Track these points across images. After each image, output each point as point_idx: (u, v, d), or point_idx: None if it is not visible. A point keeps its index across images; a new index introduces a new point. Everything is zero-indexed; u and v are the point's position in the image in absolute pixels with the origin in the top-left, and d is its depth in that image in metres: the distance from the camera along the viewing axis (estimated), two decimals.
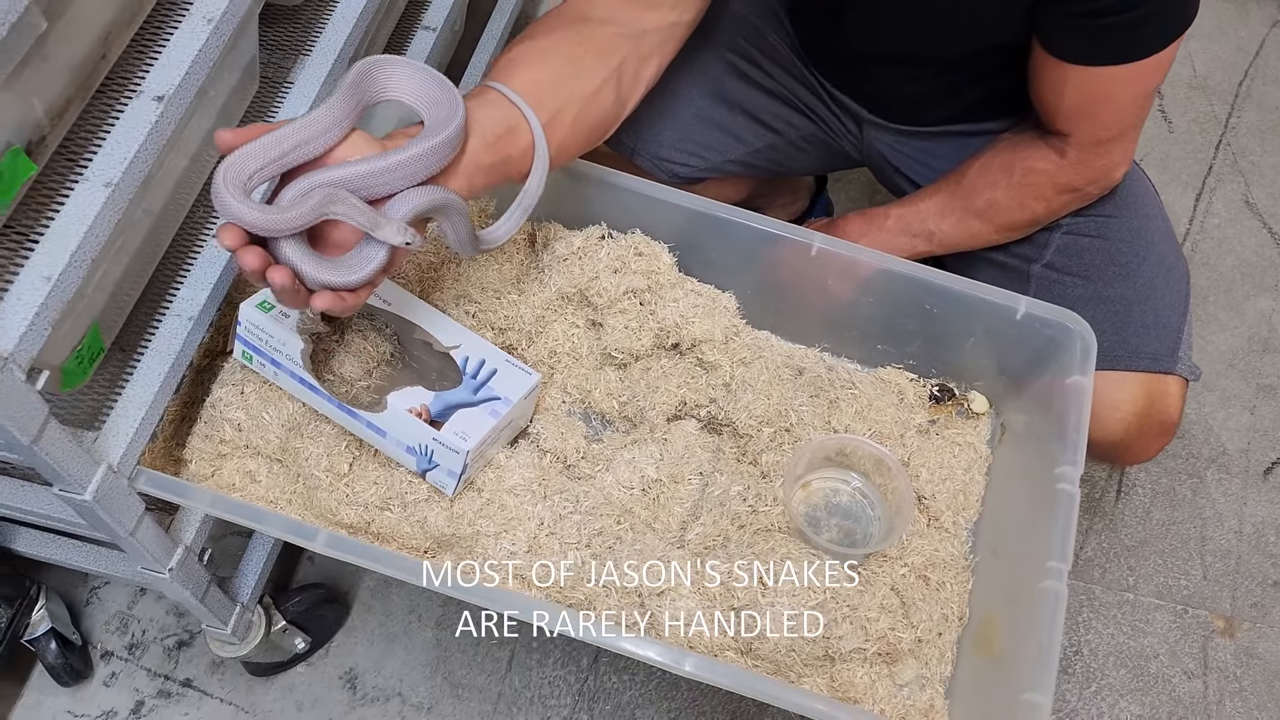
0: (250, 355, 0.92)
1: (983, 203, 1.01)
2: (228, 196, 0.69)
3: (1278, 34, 1.88)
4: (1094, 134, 0.93)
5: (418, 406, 0.89)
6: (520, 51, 0.85)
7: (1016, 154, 0.99)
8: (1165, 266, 1.03)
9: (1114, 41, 0.86)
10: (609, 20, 0.88)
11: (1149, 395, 1.00)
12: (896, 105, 1.11)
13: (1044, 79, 0.92)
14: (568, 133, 0.84)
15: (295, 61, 1.04)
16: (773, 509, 0.95)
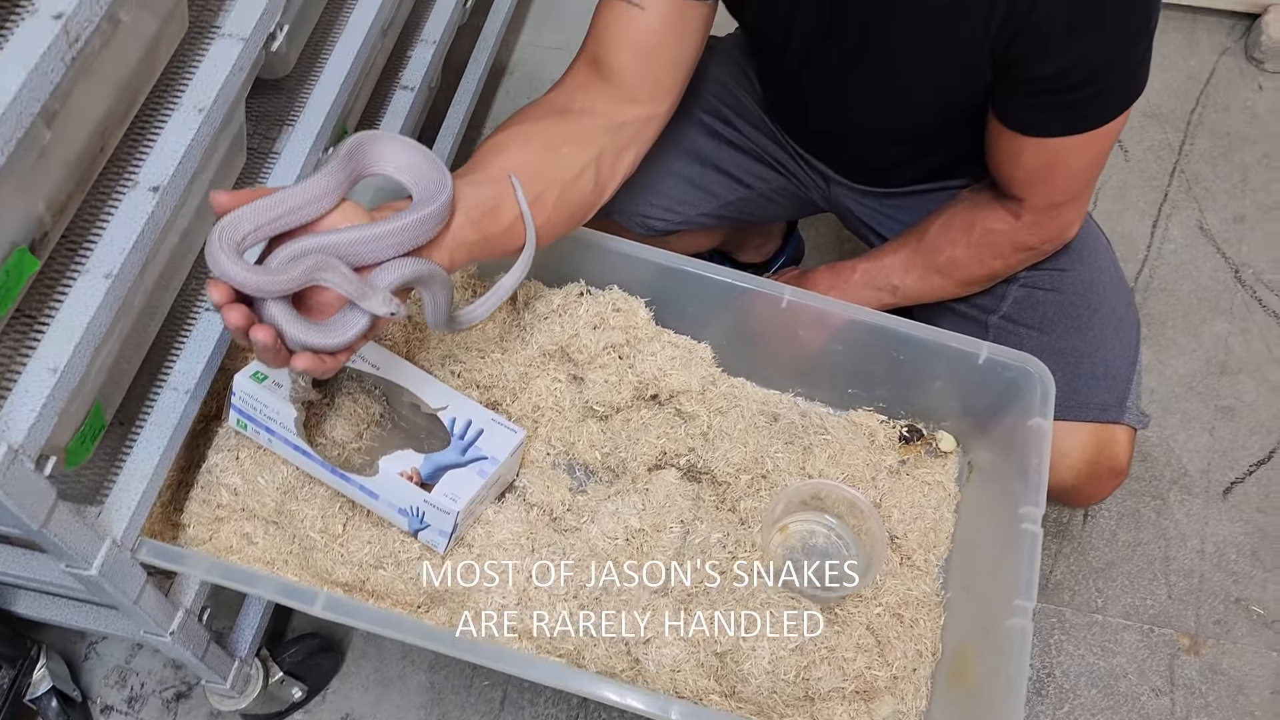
0: (245, 423, 0.95)
1: (944, 259, 1.06)
2: (221, 255, 0.70)
3: (1227, 61, 1.94)
4: (1048, 198, 0.98)
5: (408, 470, 0.92)
6: (504, 137, 0.89)
7: (975, 214, 1.04)
8: (1116, 318, 1.07)
9: (1066, 116, 0.90)
10: (588, 112, 0.92)
11: (1098, 444, 1.04)
12: (861, 171, 1.16)
13: (1000, 148, 0.97)
14: (549, 215, 0.88)
15: (281, 131, 1.07)
16: (752, 554, 0.99)
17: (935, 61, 0.93)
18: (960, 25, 0.87)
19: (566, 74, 0.97)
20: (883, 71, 0.98)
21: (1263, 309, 1.66)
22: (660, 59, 0.94)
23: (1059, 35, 0.84)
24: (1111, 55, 0.86)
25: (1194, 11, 1.98)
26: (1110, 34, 0.85)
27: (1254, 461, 1.52)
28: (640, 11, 0.92)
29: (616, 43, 0.93)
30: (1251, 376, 1.59)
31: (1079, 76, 0.86)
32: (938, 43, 0.90)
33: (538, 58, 1.91)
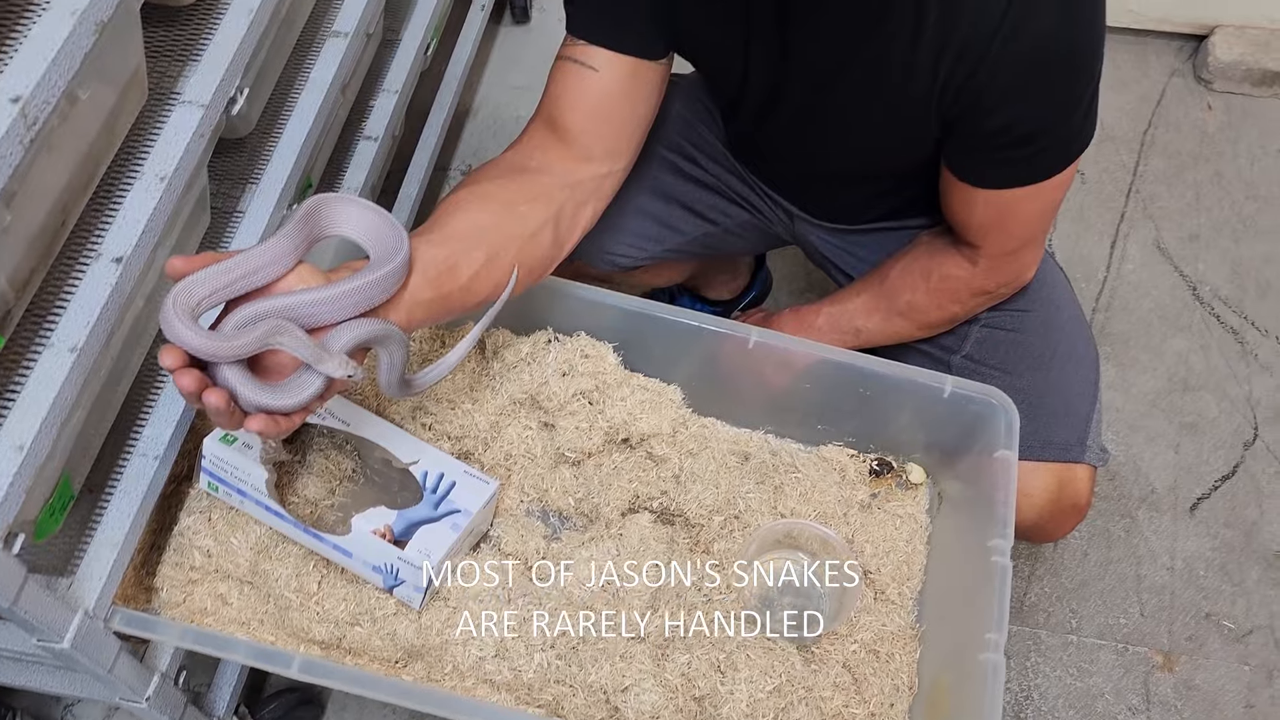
0: (216, 486, 0.95)
1: (904, 303, 1.08)
2: (175, 321, 0.70)
3: (1177, 83, 1.99)
4: (1003, 245, 1.00)
5: (381, 527, 0.92)
6: (462, 195, 0.90)
7: (934, 260, 1.06)
8: (1075, 357, 1.09)
9: (1014, 170, 0.92)
10: (545, 170, 0.93)
11: (1060, 483, 1.06)
12: (823, 209, 1.17)
13: (953, 198, 0.98)
14: (502, 275, 0.88)
15: (245, 190, 1.07)
16: (727, 596, 1.00)
17: (885, 118, 0.94)
18: (909, 86, 0.89)
19: (523, 134, 0.98)
20: (834, 126, 0.99)
21: (1220, 325, 1.69)
22: (615, 120, 0.95)
23: (1000, 99, 0.86)
24: (1055, 117, 0.88)
25: (1143, 34, 2.02)
26: (1054, 98, 0.86)
27: (1218, 477, 1.55)
28: (593, 73, 0.93)
29: (571, 104, 0.94)
30: (1213, 393, 1.62)
31: (1023, 132, 0.88)
32: (887, 100, 0.92)
33: (501, 99, 1.92)
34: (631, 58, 0.93)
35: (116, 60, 0.80)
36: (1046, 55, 0.83)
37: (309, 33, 1.19)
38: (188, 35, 0.94)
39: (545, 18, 2.04)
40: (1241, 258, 1.77)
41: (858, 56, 0.90)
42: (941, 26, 0.84)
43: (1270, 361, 1.65)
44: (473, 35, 1.71)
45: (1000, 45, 0.83)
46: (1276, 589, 1.46)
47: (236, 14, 0.95)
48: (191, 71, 0.92)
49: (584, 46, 0.93)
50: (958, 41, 0.84)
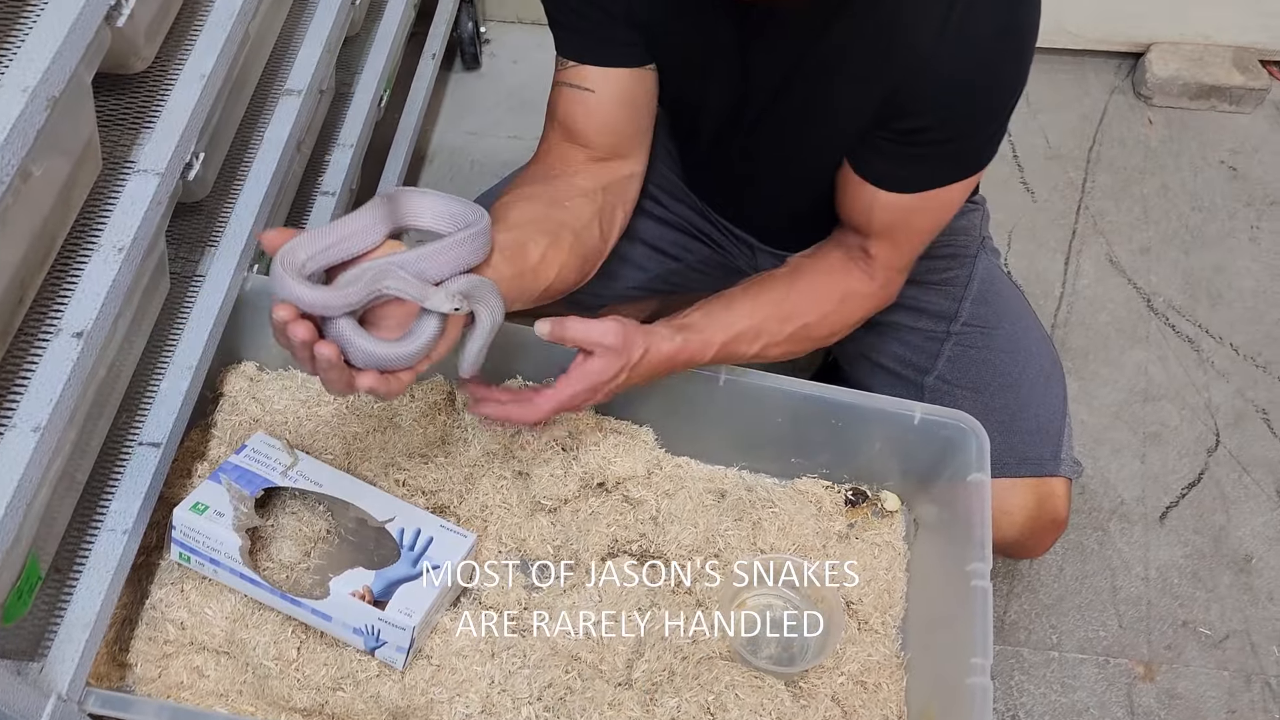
0: (187, 556, 0.94)
1: (798, 328, 1.02)
2: (286, 278, 0.72)
3: (1118, 100, 2.03)
4: (894, 259, 1.01)
5: (360, 588, 0.91)
6: (508, 199, 0.93)
7: (838, 280, 1.03)
8: (1044, 374, 1.11)
9: (920, 172, 0.94)
10: (576, 174, 0.98)
11: (1038, 498, 1.07)
12: (782, 239, 1.18)
13: (855, 200, 0.99)
14: (565, 257, 0.91)
15: (204, 253, 1.06)
16: (712, 637, 1.00)
17: (841, 136, 0.96)
18: (864, 104, 0.91)
19: (541, 151, 1.02)
20: (790, 145, 1.01)
21: (1176, 335, 1.72)
22: (623, 130, 1.00)
23: (927, 101, 0.88)
24: (979, 118, 0.90)
25: (1081, 54, 2.07)
26: (984, 97, 0.89)
27: (1185, 484, 1.57)
28: (591, 94, 0.97)
29: (579, 121, 0.98)
30: (1173, 402, 1.65)
31: (938, 137, 0.90)
32: (838, 116, 0.94)
33: (456, 144, 1.93)
34: (622, 69, 0.97)
35: (69, 133, 0.79)
36: (981, 62, 0.86)
37: (262, 92, 1.18)
38: (140, 102, 0.94)
39: (495, 63, 2.05)
40: (1192, 268, 1.81)
41: (811, 71, 0.92)
42: (886, 36, 0.87)
43: (1226, 368, 1.69)
44: (425, 84, 1.72)
45: (940, 49, 0.85)
46: (1248, 593, 1.48)
47: (189, 79, 0.94)
48: (146, 139, 0.91)
49: (575, 68, 0.97)
50: (900, 49, 0.87)
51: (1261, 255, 1.82)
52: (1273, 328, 1.73)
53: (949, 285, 1.16)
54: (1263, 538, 1.52)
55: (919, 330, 1.16)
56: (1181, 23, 1.99)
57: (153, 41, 0.94)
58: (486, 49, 2.06)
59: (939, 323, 1.15)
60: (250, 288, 1.08)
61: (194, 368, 0.98)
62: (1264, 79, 1.98)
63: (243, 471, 0.97)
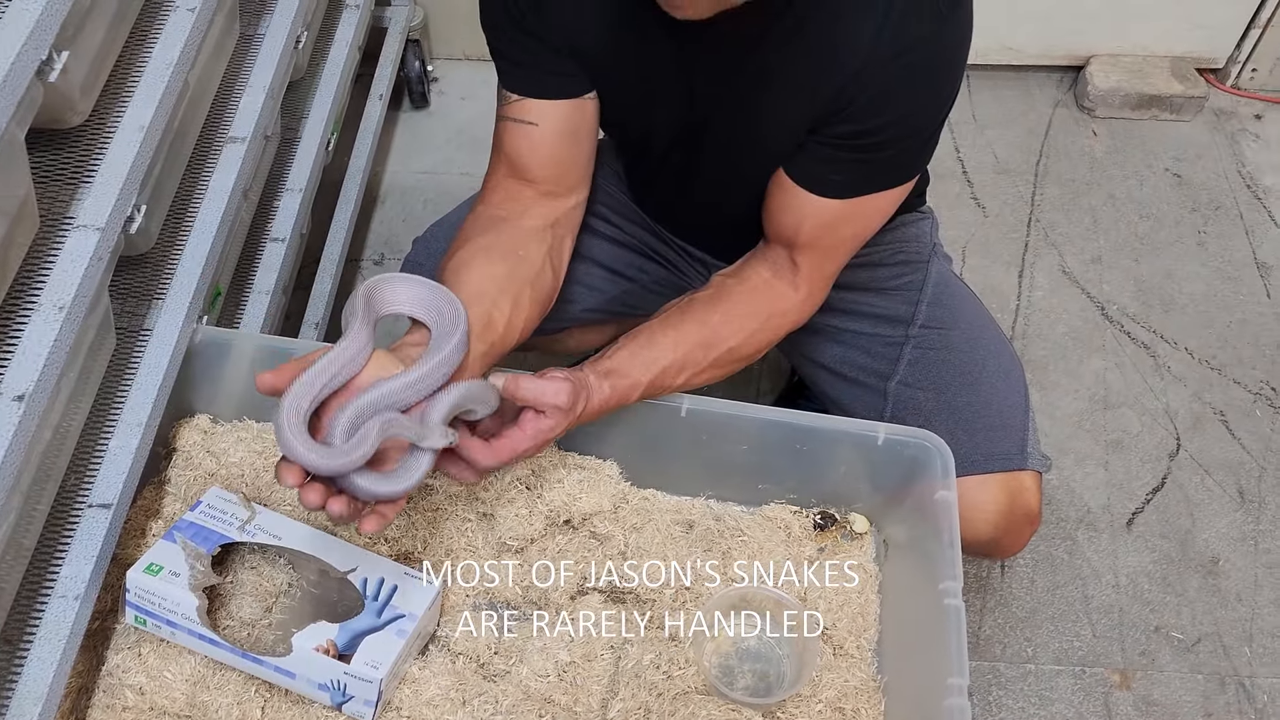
0: (143, 619, 0.91)
1: (724, 351, 1.01)
2: (297, 445, 0.75)
3: (1061, 113, 2.07)
4: (821, 268, 1.01)
5: (324, 643, 0.89)
6: (464, 256, 0.95)
7: (760, 298, 1.02)
8: (1003, 370, 1.12)
9: (852, 177, 0.94)
10: (524, 215, 1.00)
11: (1009, 493, 1.08)
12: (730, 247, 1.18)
13: (785, 208, 0.99)
14: (527, 313, 0.96)
15: (150, 307, 1.04)
16: (686, 671, 0.98)
17: (782, 146, 0.97)
18: (802, 114, 0.92)
19: (488, 190, 1.03)
20: (736, 157, 1.02)
21: (1132, 341, 1.74)
22: (567, 160, 1.01)
23: (863, 106, 0.89)
24: (911, 128, 0.92)
25: (1024, 70, 2.11)
26: (916, 107, 0.91)
27: (1149, 490, 1.58)
28: (534, 128, 0.99)
29: (524, 155, 1.00)
30: (1133, 408, 1.66)
31: (877, 140, 0.91)
32: (784, 130, 0.95)
33: (408, 183, 1.91)
34: (564, 100, 0.98)
35: (3, 192, 0.77)
36: (914, 72, 0.87)
37: (205, 140, 1.17)
38: (78, 157, 0.92)
39: (444, 101, 2.04)
40: (1143, 275, 1.83)
41: (750, 84, 0.93)
42: (821, 47, 0.88)
43: (1183, 373, 1.71)
44: (373, 125, 1.71)
45: (874, 59, 0.87)
46: (1217, 595, 1.49)
47: (127, 131, 0.93)
48: (85, 194, 0.89)
49: (518, 102, 0.99)
50: (835, 60, 0.88)
51: (1210, 260, 1.85)
52: (1224, 330, 1.76)
53: (904, 290, 1.17)
54: (1228, 539, 1.54)
55: (878, 337, 1.17)
56: (1119, 36, 2.03)
57: (89, 95, 0.93)
58: (435, 87, 2.06)
59: (897, 328, 1.16)
60: (200, 339, 1.06)
61: (144, 425, 0.96)
62: (1202, 87, 2.02)
63: (198, 529, 0.94)
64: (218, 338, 1.07)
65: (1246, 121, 2.06)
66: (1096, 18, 1.99)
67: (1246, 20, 1.99)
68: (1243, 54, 2.03)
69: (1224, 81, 2.08)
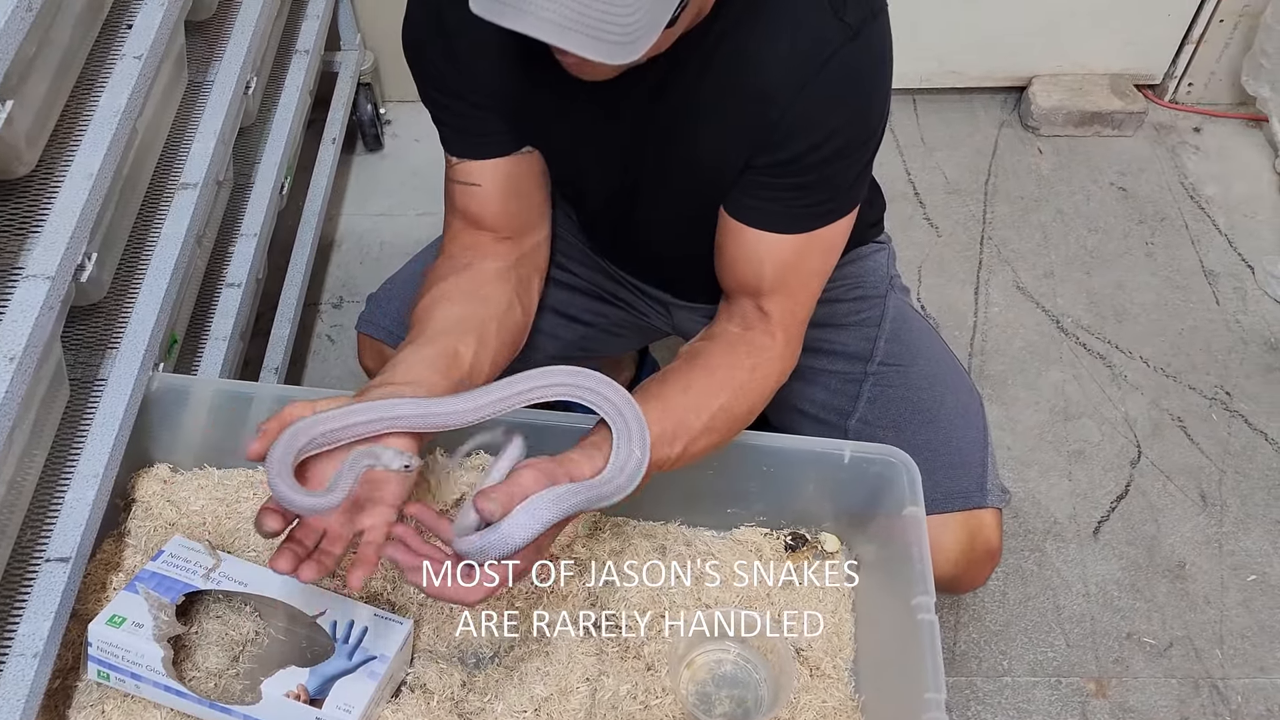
0: (107, 674, 0.89)
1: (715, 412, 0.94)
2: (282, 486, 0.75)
3: (1007, 133, 2.11)
4: (792, 313, 0.97)
5: (294, 688, 0.87)
6: (428, 301, 0.96)
7: (739, 354, 0.97)
8: (961, 406, 1.12)
9: (796, 207, 0.93)
10: (486, 258, 1.01)
11: (969, 531, 1.08)
12: (691, 290, 1.18)
13: (741, 256, 0.97)
14: (494, 346, 0.96)
15: (105, 356, 1.03)
16: (664, 700, 0.97)
17: (719, 179, 0.96)
18: (732, 147, 0.91)
19: (447, 239, 1.03)
20: (673, 203, 1.02)
21: (1088, 353, 1.77)
22: (520, 211, 1.02)
23: (795, 129, 0.88)
24: (845, 142, 0.90)
25: (968, 92, 2.15)
26: (845, 118, 0.89)
27: (1113, 498, 1.60)
28: (479, 189, 0.99)
29: (475, 212, 1.01)
30: (1092, 418, 1.69)
31: (812, 161, 0.90)
32: (717, 163, 0.94)
33: (364, 227, 1.91)
34: (502, 159, 0.99)
35: None
36: (836, 80, 0.86)
37: (157, 187, 1.16)
38: (26, 207, 0.91)
39: (398, 143, 2.05)
40: (1094, 287, 1.86)
41: (674, 125, 0.93)
42: (734, 70, 0.87)
43: (1139, 381, 1.73)
44: (327, 168, 1.70)
45: (792, 74, 0.86)
46: (1185, 599, 1.50)
47: (76, 179, 0.92)
48: (34, 244, 0.88)
49: (461, 164, 1.00)
50: (752, 89, 0.87)
51: (1159, 270, 1.89)
52: (1177, 338, 1.79)
53: (862, 325, 1.17)
54: (1192, 543, 1.55)
55: (836, 373, 1.17)
56: (1058, 55, 2.07)
57: (35, 145, 0.92)
58: (388, 129, 2.06)
59: (855, 364, 1.16)
60: (157, 387, 1.04)
61: (100, 476, 0.94)
62: (1141, 102, 2.07)
63: (161, 578, 0.92)
64: (175, 384, 1.06)
65: (1186, 135, 2.11)
66: (1036, 39, 2.04)
67: (1180, 37, 2.05)
68: (1178, 69, 2.09)
69: (1162, 97, 2.14)
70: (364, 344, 1.19)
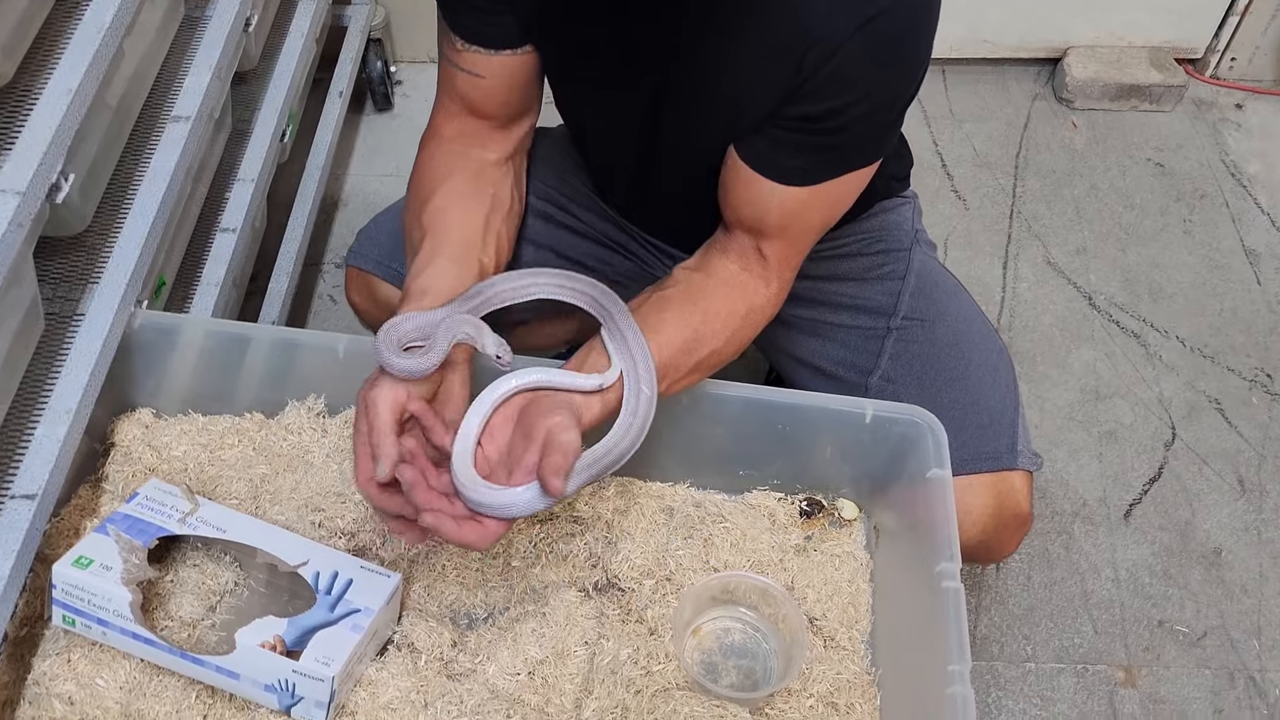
0: (72, 619, 0.83)
1: (705, 355, 0.93)
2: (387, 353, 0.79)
3: (1040, 105, 2.03)
4: (788, 259, 0.95)
5: (270, 639, 0.81)
6: (442, 199, 0.95)
7: (736, 295, 0.95)
8: (990, 366, 1.05)
9: (814, 161, 0.88)
10: (486, 148, 0.99)
11: (998, 494, 1.01)
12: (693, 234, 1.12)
13: (748, 198, 0.92)
14: (507, 249, 0.99)
15: (85, 291, 0.98)
16: (667, 666, 0.91)
17: (741, 123, 0.91)
18: (762, 88, 0.86)
19: (440, 121, 1.00)
20: (690, 140, 0.96)
21: (1122, 331, 1.69)
22: (518, 102, 1.00)
23: (837, 73, 0.83)
24: (878, 102, 0.85)
25: (1000, 63, 2.07)
26: (884, 78, 0.84)
27: (1146, 481, 1.53)
28: (481, 79, 0.96)
29: (475, 100, 0.98)
30: (1125, 398, 1.61)
31: (841, 120, 0.85)
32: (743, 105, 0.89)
33: (370, 188, 1.85)
34: (508, 55, 0.95)
35: None
36: (880, 36, 0.81)
37: (149, 120, 1.11)
38: (0, 122, 0.86)
39: (408, 103, 1.99)
40: (1130, 265, 1.79)
41: (708, 54, 0.87)
42: (781, 18, 0.82)
43: (1175, 361, 1.66)
44: (332, 123, 1.65)
45: (836, 23, 0.81)
46: (1221, 587, 1.43)
47: (54, 94, 0.87)
48: (5, 159, 0.83)
49: (464, 53, 0.95)
50: (794, 31, 0.82)
51: (1197, 248, 1.81)
52: (1215, 318, 1.71)
53: (885, 280, 1.11)
54: (1230, 529, 1.48)
55: (858, 329, 1.10)
56: (1096, 26, 2.00)
57: (12, 57, 0.87)
58: (399, 89, 2.00)
59: (878, 319, 1.10)
60: (140, 325, 0.99)
61: (73, 412, 0.88)
62: (1181, 76, 1.99)
63: (134, 521, 0.87)
64: (160, 323, 1.00)
65: (1228, 111, 2.03)
66: (1073, 8, 1.97)
67: (1223, 9, 1.97)
68: (1221, 43, 2.01)
69: (1203, 72, 2.06)
70: (352, 277, 1.14)
